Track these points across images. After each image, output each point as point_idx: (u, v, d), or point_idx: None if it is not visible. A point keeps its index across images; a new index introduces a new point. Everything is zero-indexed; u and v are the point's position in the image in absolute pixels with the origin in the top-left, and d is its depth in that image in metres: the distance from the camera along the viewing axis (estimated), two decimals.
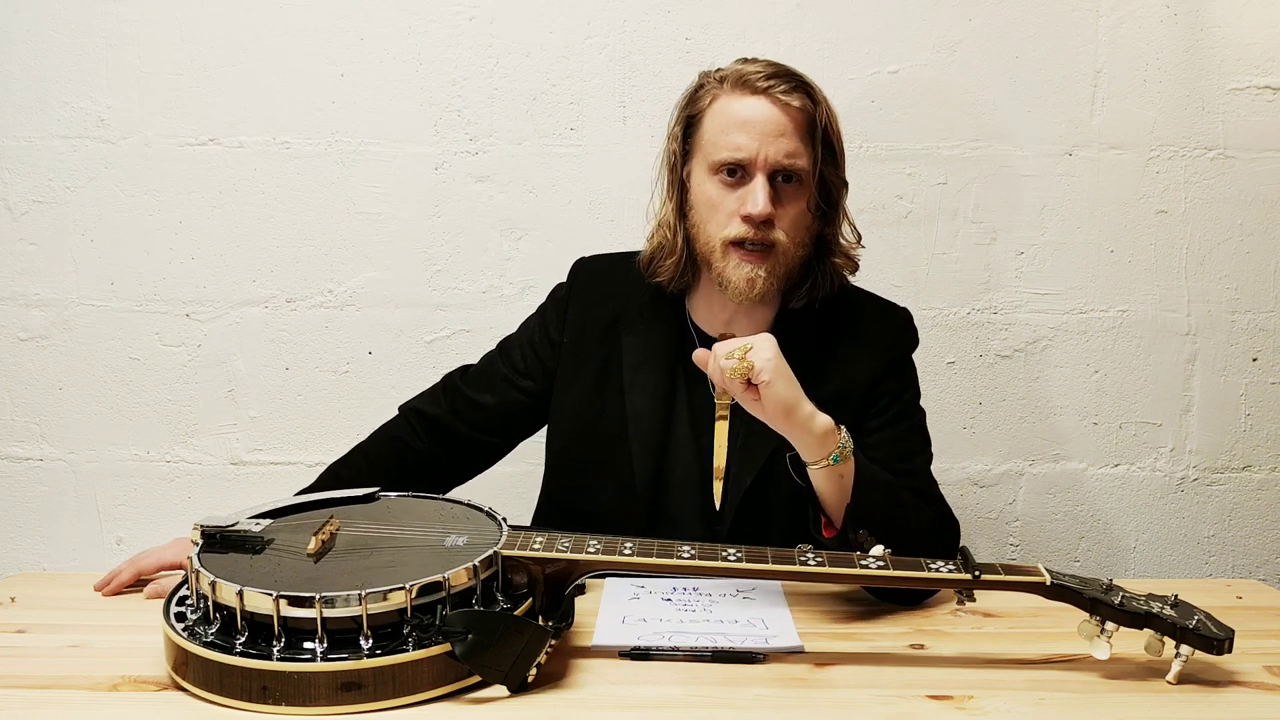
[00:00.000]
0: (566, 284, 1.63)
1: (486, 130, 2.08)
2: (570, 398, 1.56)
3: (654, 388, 1.50)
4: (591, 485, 1.53)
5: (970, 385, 2.16)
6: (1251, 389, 2.17)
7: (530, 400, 1.60)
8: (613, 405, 1.51)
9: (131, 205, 2.11)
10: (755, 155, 1.38)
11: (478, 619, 1.07)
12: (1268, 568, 2.22)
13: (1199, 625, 1.14)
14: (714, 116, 1.43)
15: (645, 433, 1.49)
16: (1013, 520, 2.21)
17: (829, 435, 1.31)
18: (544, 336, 1.61)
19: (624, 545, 1.21)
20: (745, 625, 1.26)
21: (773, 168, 1.38)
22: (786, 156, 1.38)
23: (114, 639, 1.24)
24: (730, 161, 1.40)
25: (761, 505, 1.47)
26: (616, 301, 1.55)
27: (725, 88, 1.42)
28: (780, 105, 1.37)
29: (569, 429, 1.57)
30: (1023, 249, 2.12)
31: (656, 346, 1.52)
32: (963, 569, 1.18)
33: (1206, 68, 2.07)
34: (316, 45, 2.06)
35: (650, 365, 1.51)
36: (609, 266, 1.61)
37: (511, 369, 1.61)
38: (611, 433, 1.51)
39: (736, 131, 1.39)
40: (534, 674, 1.09)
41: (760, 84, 1.39)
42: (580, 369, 1.55)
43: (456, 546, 1.19)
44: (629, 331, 1.53)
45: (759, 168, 1.38)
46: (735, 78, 1.41)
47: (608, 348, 1.54)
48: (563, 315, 1.59)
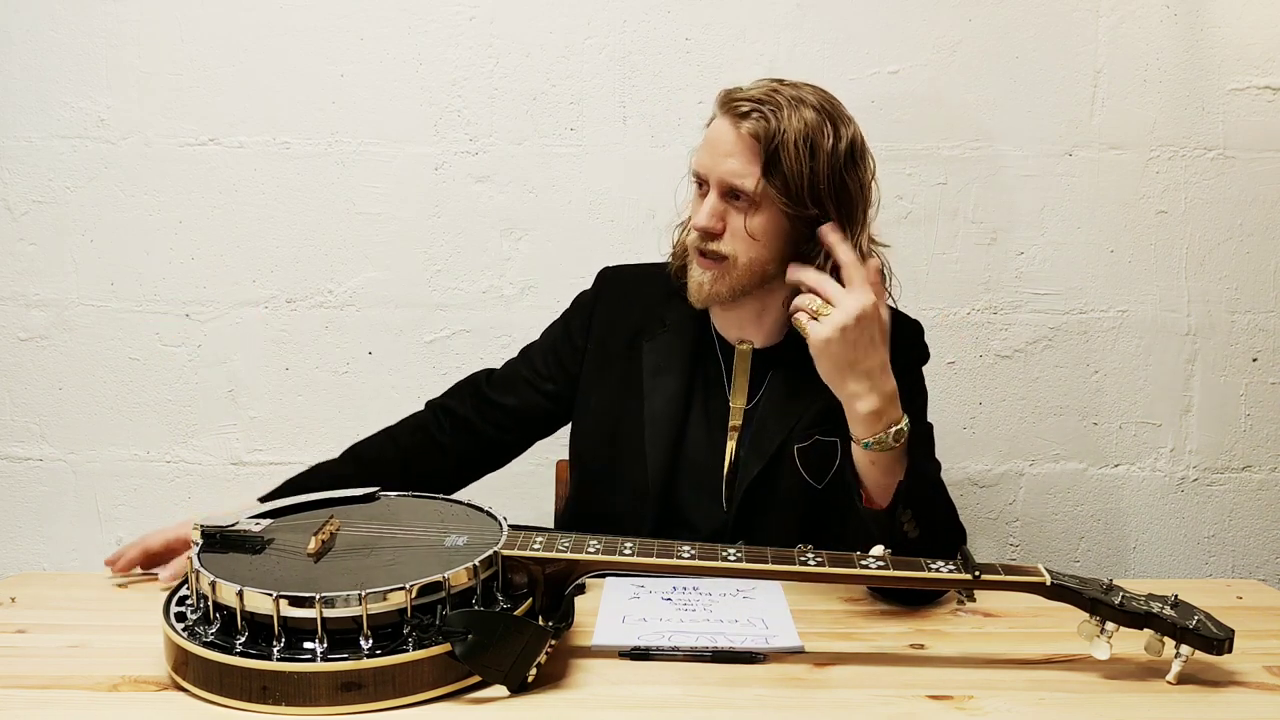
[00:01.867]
0: (592, 291, 1.67)
1: (486, 130, 2.08)
2: (592, 403, 1.60)
3: (672, 393, 1.54)
4: (611, 488, 1.57)
5: (970, 385, 2.16)
6: (1251, 389, 2.17)
7: (551, 404, 1.65)
8: (633, 411, 1.56)
9: (131, 205, 2.11)
10: (708, 172, 1.45)
11: (478, 619, 1.07)
12: (1268, 568, 2.22)
13: (1199, 625, 1.14)
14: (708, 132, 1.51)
15: (660, 436, 1.53)
16: (1013, 520, 2.21)
17: (869, 422, 1.36)
18: (567, 342, 1.64)
19: (624, 545, 1.21)
20: (745, 625, 1.26)
21: (719, 185, 1.44)
22: (731, 175, 1.42)
23: (114, 639, 1.23)
24: (695, 175, 1.48)
25: (768, 503, 1.49)
26: (641, 312, 1.60)
27: (716, 107, 1.49)
28: (734, 126, 1.43)
29: (591, 434, 1.61)
30: (1023, 249, 2.12)
31: (677, 353, 1.56)
32: (963, 569, 1.18)
33: (1206, 68, 2.07)
34: (316, 45, 2.06)
35: (669, 371, 1.55)
36: (634, 277, 1.65)
37: (534, 373, 1.66)
38: (630, 437, 1.55)
39: (703, 148, 1.47)
40: (534, 674, 1.09)
41: (726, 104, 1.45)
42: (603, 375, 1.60)
43: (456, 546, 1.19)
44: (650, 340, 1.58)
45: (712, 184, 1.45)
46: (722, 97, 1.47)
47: (630, 356, 1.58)
48: (588, 322, 1.63)
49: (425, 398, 1.72)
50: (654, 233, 2.06)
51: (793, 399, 1.50)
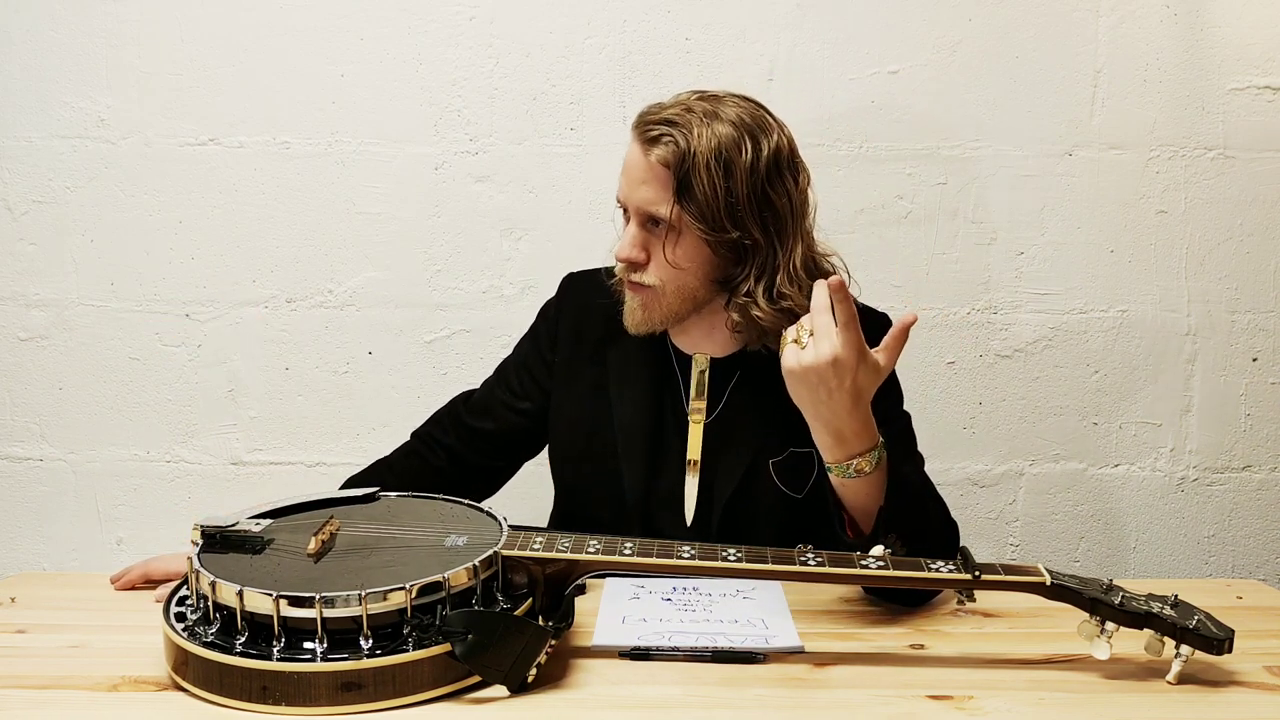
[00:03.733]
0: (555, 300, 1.63)
1: (486, 130, 2.08)
2: (565, 415, 1.57)
3: (637, 401, 1.50)
4: (590, 500, 1.55)
5: (970, 385, 2.16)
6: (1251, 389, 2.17)
7: (530, 422, 1.61)
8: (604, 420, 1.52)
9: (131, 205, 2.11)
10: (625, 200, 1.41)
11: (478, 619, 1.07)
12: (1268, 568, 2.22)
13: (1199, 625, 1.14)
14: None
15: (633, 446, 1.50)
16: (1013, 520, 2.21)
17: (838, 448, 1.29)
18: (537, 357, 1.61)
19: (624, 545, 1.21)
20: (745, 625, 1.26)
21: (637, 214, 1.39)
22: (645, 203, 1.37)
23: (114, 639, 1.23)
24: (617, 201, 1.43)
25: (749, 517, 1.47)
26: (604, 314, 1.53)
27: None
28: (644, 152, 1.37)
29: (566, 445, 1.58)
30: (1023, 249, 2.12)
31: (640, 358, 1.52)
32: (963, 569, 1.18)
33: (1206, 68, 2.07)
34: (316, 45, 2.06)
35: (634, 378, 1.51)
36: (597, 279, 1.58)
37: (509, 393, 1.62)
38: (604, 447, 1.52)
39: (621, 174, 1.41)
40: (534, 674, 1.09)
41: (638, 126, 1.39)
42: (572, 385, 1.56)
43: (456, 547, 1.19)
44: (615, 344, 1.53)
45: (630, 212, 1.41)
46: (636, 119, 1.40)
47: (598, 362, 1.54)
48: (554, 333, 1.60)
49: (425, 398, 1.72)
50: None
51: (757, 410, 1.46)
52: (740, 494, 1.46)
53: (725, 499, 1.46)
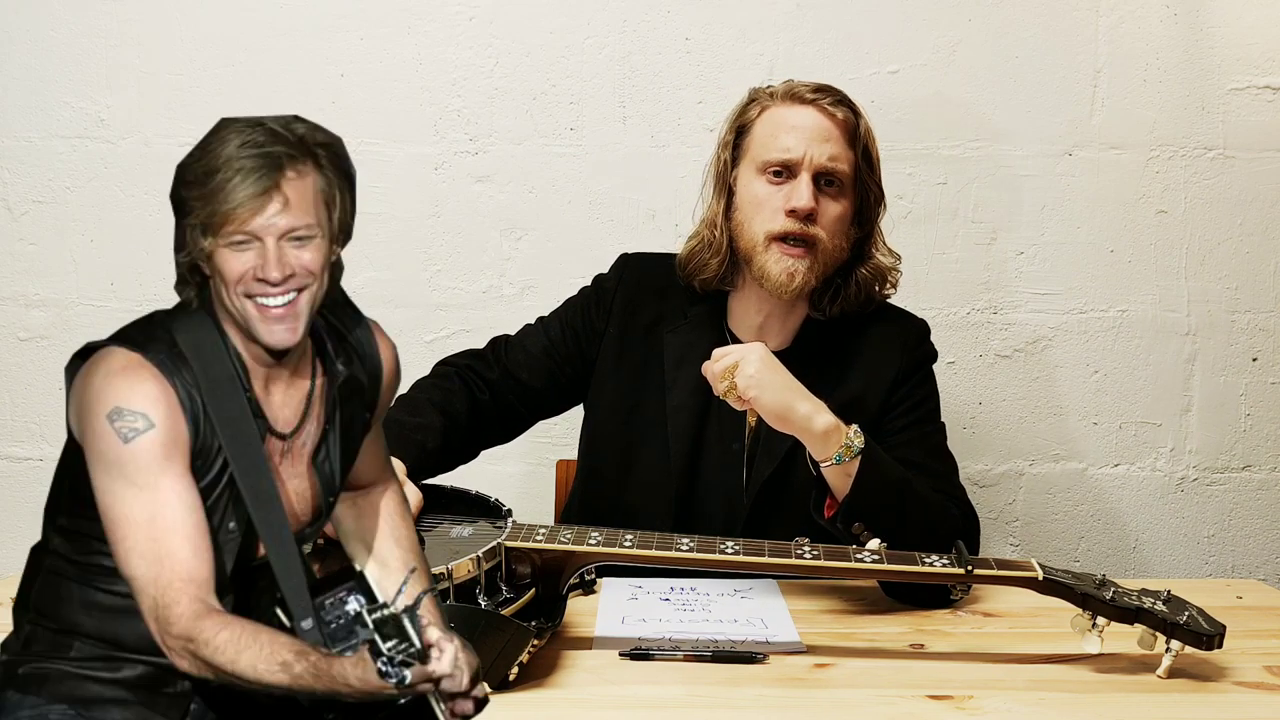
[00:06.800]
0: (613, 276, 1.67)
1: (486, 130, 2.08)
2: (610, 388, 1.61)
3: (694, 386, 1.54)
4: (627, 471, 1.59)
5: (970, 385, 2.16)
6: (1251, 389, 2.17)
7: (566, 383, 1.64)
8: (652, 398, 1.58)
9: (131, 205, 2.10)
10: (802, 156, 1.49)
11: (458, 614, 1.07)
12: (1268, 568, 2.22)
13: (1189, 621, 1.14)
14: (764, 124, 1.54)
15: (683, 426, 1.55)
16: (1013, 520, 2.21)
17: (831, 435, 1.37)
18: (586, 322, 1.64)
19: (624, 537, 1.22)
20: (745, 624, 1.27)
21: (817, 169, 1.49)
22: (830, 159, 1.49)
23: None
24: (778, 162, 1.50)
25: (781, 500, 1.50)
26: (661, 300, 1.62)
27: (775, 100, 1.54)
28: (826, 114, 1.50)
29: (607, 417, 1.62)
30: (1023, 249, 2.12)
31: (698, 346, 1.56)
32: (956, 563, 1.18)
33: (1206, 68, 2.07)
34: (316, 45, 2.06)
35: (691, 364, 1.55)
36: (656, 265, 1.65)
37: (552, 348, 1.64)
38: (649, 424, 1.57)
39: (785, 135, 1.50)
40: (515, 673, 1.08)
41: (808, 96, 1.52)
42: (621, 360, 1.61)
43: (462, 537, 1.20)
44: (672, 330, 1.60)
45: (804, 168, 1.49)
46: (785, 91, 1.54)
47: (650, 344, 1.60)
48: (609, 305, 1.64)
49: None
50: (654, 233, 2.05)
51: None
52: (775, 478, 1.51)
53: (763, 480, 1.51)
